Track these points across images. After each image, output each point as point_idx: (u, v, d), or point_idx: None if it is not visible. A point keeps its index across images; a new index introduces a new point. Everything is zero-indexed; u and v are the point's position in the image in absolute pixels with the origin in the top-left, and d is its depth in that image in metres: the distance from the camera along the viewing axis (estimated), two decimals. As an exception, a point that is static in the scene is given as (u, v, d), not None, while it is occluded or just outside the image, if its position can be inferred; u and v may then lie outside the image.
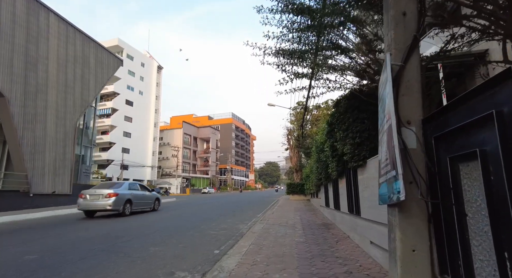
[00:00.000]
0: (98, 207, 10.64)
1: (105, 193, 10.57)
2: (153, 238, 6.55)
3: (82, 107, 18.60)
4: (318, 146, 8.35)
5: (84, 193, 11.00)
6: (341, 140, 4.81)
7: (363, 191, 4.37)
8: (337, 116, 4.81)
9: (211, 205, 18.45)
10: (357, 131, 4.20)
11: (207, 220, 9.81)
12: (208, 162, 70.59)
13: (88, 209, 10.87)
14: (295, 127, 21.87)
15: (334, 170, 6.01)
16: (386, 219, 3.41)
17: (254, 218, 10.51)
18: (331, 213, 8.34)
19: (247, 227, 8.05)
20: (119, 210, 10.85)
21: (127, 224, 9.10)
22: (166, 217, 11.10)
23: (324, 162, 7.36)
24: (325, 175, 7.79)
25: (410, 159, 2.20)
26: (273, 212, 11.26)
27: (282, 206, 14.85)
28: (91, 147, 20.89)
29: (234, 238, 6.38)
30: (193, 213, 12.67)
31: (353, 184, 5.08)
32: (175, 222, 9.66)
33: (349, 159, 4.46)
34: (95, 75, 20.22)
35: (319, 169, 9.00)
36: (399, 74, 2.41)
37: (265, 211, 13.22)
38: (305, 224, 7.70)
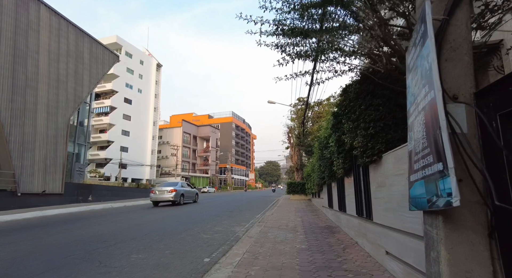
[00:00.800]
0: (164, 199, 14.71)
1: (168, 189, 14.63)
2: (140, 242, 5.91)
3: (76, 103, 17.96)
4: (321, 142, 7.70)
5: (154, 189, 15.38)
6: (350, 132, 4.16)
7: (377, 192, 3.72)
8: (346, 104, 4.15)
9: (209, 205, 17.83)
10: (370, 120, 3.54)
11: (201, 222, 9.18)
12: (208, 161, 69.94)
13: (157, 200, 15.05)
14: (296, 124, 21.20)
15: (340, 168, 5.35)
16: (407, 225, 2.77)
17: (252, 219, 9.87)
18: (335, 215, 7.69)
19: (243, 230, 7.41)
20: (177, 201, 14.89)
21: (116, 226, 8.47)
22: (159, 218, 10.47)
23: (328, 159, 6.70)
24: (329, 173, 7.14)
25: (462, 146, 1.54)
26: (273, 213, 10.61)
27: (282, 207, 14.21)
28: (85, 145, 20.27)
29: (229, 243, 5.74)
30: (188, 213, 12.04)
31: (363, 183, 4.43)
32: (167, 223, 9.03)
33: (360, 154, 3.80)
34: (90, 71, 19.59)
35: (321, 167, 8.35)
36: (440, 32, 1.76)
37: (264, 211, 12.58)
38: (307, 227, 7.05)
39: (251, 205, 16.75)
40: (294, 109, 20.28)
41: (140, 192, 25.53)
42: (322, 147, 7.48)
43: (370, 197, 4.11)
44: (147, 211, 13.54)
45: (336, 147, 5.34)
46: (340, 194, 6.63)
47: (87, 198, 17.70)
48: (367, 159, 3.66)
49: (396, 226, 3.04)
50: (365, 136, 3.59)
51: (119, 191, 22.30)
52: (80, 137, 19.95)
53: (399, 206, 2.92)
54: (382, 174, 3.47)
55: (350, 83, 4.06)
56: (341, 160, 5.24)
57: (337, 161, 5.51)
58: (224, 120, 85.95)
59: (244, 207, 15.53)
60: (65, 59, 17.18)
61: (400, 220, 2.91)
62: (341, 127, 4.97)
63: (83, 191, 17.61)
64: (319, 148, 8.05)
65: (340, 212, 6.73)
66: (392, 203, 3.12)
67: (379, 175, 3.57)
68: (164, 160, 61.44)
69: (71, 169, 18.43)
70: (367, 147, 3.59)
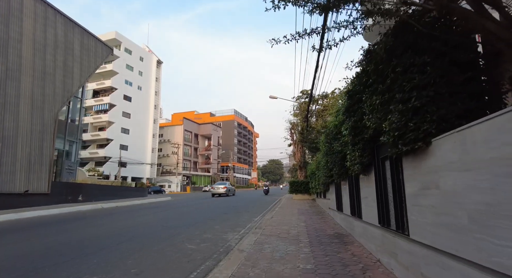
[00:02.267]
0: (219, 192, 23.29)
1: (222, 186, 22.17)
2: (106, 255, 4.76)
3: (64, 97, 16.89)
4: (329, 133, 6.48)
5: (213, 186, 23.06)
6: (374, 112, 2.96)
7: (419, 196, 2.52)
8: (371, 71, 2.94)
9: (206, 205, 16.70)
10: (411, 88, 2.34)
11: (191, 226, 8.03)
12: (209, 160, 68.88)
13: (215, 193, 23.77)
14: (299, 120, 19.93)
15: (356, 163, 4.15)
16: (494, 259, 1.56)
17: (249, 223, 8.70)
18: (346, 220, 6.49)
19: (237, 238, 6.25)
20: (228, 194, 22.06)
21: (91, 232, 7.34)
22: (146, 221, 9.35)
23: (339, 153, 5.49)
24: (339, 170, 5.94)
25: None
26: (272, 216, 9.43)
27: (284, 208, 13.02)
28: (77, 142, 19.21)
29: (215, 257, 4.59)
30: (179, 216, 10.91)
31: (391, 183, 3.24)
32: (152, 228, 7.89)
33: (393, 140, 2.60)
34: (81, 63, 18.50)
35: (329, 164, 7.15)
36: None
37: (264, 213, 11.41)
38: (313, 236, 5.85)
39: (250, 206, 15.59)
40: (297, 103, 19.02)
41: (136, 192, 24.45)
42: (330, 139, 6.27)
43: (403, 202, 2.91)
44: (139, 212, 12.44)
45: (351, 136, 4.14)
46: (354, 196, 5.42)
47: (77, 198, 16.65)
48: (405, 148, 2.45)
49: (465, 255, 1.85)
50: (403, 113, 2.39)
51: (113, 190, 21.22)
52: (71, 133, 18.89)
53: (475, 224, 1.72)
54: (431, 169, 2.27)
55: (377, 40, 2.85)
56: (357, 153, 4.04)
57: (352, 154, 4.31)
58: (226, 118, 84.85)
59: (243, 208, 14.37)
60: (52, 50, 16.09)
61: (477, 247, 1.71)
62: (359, 108, 3.76)
63: (72, 191, 16.55)
64: (326, 141, 6.83)
65: (353, 217, 5.53)
66: (457, 216, 1.92)
67: (425, 171, 2.37)
68: (165, 158, 60.48)
69: (60, 168, 17.38)
70: (406, 128, 2.39)
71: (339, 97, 13.48)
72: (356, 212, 5.37)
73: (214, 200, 21.58)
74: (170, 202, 20.33)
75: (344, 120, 4.54)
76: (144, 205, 17.12)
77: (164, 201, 20.83)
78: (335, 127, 5.54)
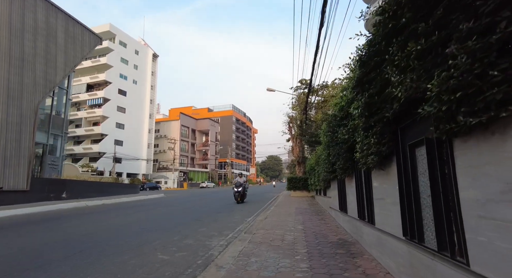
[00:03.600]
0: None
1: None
2: (54, 270, 3.72)
3: (46, 88, 15.74)
4: (331, 120, 5.42)
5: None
6: (410, 70, 1.90)
7: (501, 203, 1.47)
8: (406, 1, 1.87)
9: (198, 203, 15.70)
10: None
11: (172, 229, 7.01)
12: (207, 156, 67.83)
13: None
14: (297, 112, 18.84)
15: (371, 153, 3.11)
16: None
17: (240, 224, 7.68)
18: (351, 224, 5.46)
19: (222, 245, 5.23)
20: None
21: (52, 236, 6.28)
22: (125, 222, 8.32)
23: (344, 142, 4.44)
24: (344, 164, 4.90)
25: None
26: (267, 217, 8.40)
27: (280, 206, 12.01)
28: (62, 136, 18.10)
29: (188, 274, 3.57)
30: (164, 216, 9.88)
31: (430, 179, 2.19)
32: (127, 230, 6.86)
33: (449, 108, 1.55)
34: (65, 52, 17.31)
35: (331, 157, 6.10)
36: None
37: (257, 213, 10.39)
38: (312, 244, 4.83)
39: (245, 204, 14.58)
40: (296, 94, 17.95)
41: (128, 188, 23.39)
42: (334, 127, 5.20)
43: (457, 212, 1.87)
44: (122, 211, 11.42)
45: (364, 117, 3.08)
46: (363, 196, 4.38)
47: (60, 195, 15.60)
48: (475, 119, 1.40)
49: None
50: (478, 51, 1.33)
51: (102, 187, 20.17)
52: (56, 127, 17.78)
53: None
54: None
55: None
56: (373, 140, 2.99)
57: (364, 142, 3.26)
58: (224, 113, 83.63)
59: (237, 206, 13.36)
60: (31, 36, 14.91)
61: None
62: (378, 76, 2.70)
63: (55, 188, 15.49)
64: (328, 129, 5.76)
65: (362, 222, 4.50)
66: None
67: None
68: (162, 154, 59.39)
69: (42, 163, 16.31)
70: (484, 83, 1.33)
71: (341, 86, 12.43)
72: (365, 216, 4.34)
73: (208, 197, 20.57)
74: (161, 199, 19.32)
75: (354, 98, 3.48)
76: (132, 203, 16.11)
77: (156, 199, 19.81)
78: (340, 110, 4.48)
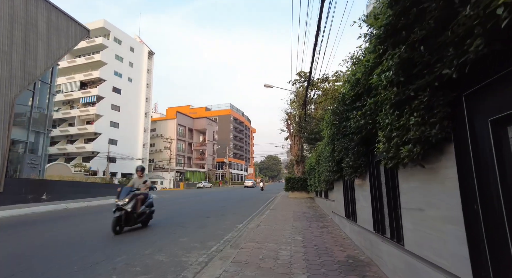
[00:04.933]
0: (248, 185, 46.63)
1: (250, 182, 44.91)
2: None
3: (25, 81, 14.58)
4: (338, 106, 4.29)
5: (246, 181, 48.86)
6: None
7: None
8: None
9: (189, 204, 14.55)
10: None
11: (148, 238, 5.88)
12: (204, 155, 66.61)
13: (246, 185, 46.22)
14: (295, 108, 17.69)
15: (410, 141, 1.99)
16: None
17: (228, 233, 6.56)
18: (362, 237, 4.34)
19: (200, 263, 4.12)
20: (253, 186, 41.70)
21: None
22: (90, 230, 7.16)
23: (358, 131, 3.32)
24: (355, 161, 3.79)
25: None
26: (260, 224, 7.27)
27: (277, 210, 10.89)
28: (45, 133, 16.92)
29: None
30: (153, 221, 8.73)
31: None
32: (90, 240, 5.72)
33: None
34: (47, 43, 16.16)
35: (336, 153, 4.99)
36: None
37: (252, 217, 9.28)
38: (314, 264, 3.71)
39: (239, 206, 13.46)
40: (294, 88, 16.83)
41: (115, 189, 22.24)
42: (341, 113, 4.08)
43: None
44: (106, 214, 10.28)
45: (397, 85, 1.97)
46: (382, 203, 3.27)
47: (40, 197, 14.44)
48: None
49: None
50: None
51: (89, 187, 19.02)
52: (38, 123, 16.62)
53: None
54: None
55: None
56: (414, 119, 1.87)
57: (395, 123, 2.15)
58: (222, 112, 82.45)
59: (230, 208, 12.23)
60: (7, 24, 13.75)
61: None
62: (425, 9, 1.58)
63: (34, 189, 14.33)
64: (334, 118, 4.63)
65: (381, 238, 3.38)
66: None
67: None
68: (158, 154, 58.14)
69: (20, 162, 15.14)
70: None
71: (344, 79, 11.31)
72: (385, 230, 3.23)
73: (201, 198, 19.43)
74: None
75: (378, 62, 2.35)
76: (119, 204, 14.94)
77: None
78: (353, 86, 3.33)
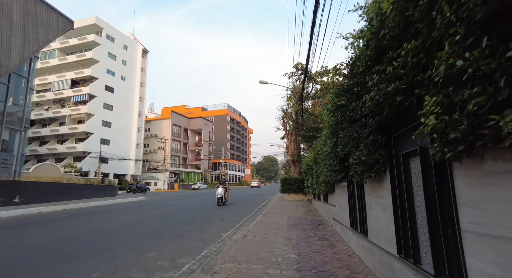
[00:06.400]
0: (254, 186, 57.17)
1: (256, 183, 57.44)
2: None
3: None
4: (348, 73, 3.14)
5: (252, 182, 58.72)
6: None
7: None
8: None
9: (176, 207, 13.34)
10: None
11: (108, 252, 4.69)
12: (200, 156, 65.32)
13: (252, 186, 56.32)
14: (292, 104, 16.55)
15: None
16: None
17: (208, 245, 5.39)
18: (376, 257, 3.19)
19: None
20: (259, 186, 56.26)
21: None
22: (46, 241, 5.95)
23: (376, 110, 2.17)
24: (369, 155, 2.65)
25: None
26: (246, 235, 6.10)
27: (270, 214, 9.73)
28: (21, 130, 15.66)
29: None
30: (116, 228, 7.52)
31: None
32: (39, 257, 4.53)
33: None
34: (24, 33, 14.93)
35: (339, 148, 3.85)
36: None
37: (241, 223, 8.11)
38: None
39: (229, 210, 12.28)
40: (291, 82, 15.73)
41: (104, 190, 20.97)
42: (351, 89, 2.93)
43: None
44: (77, 219, 9.04)
45: None
46: (418, 217, 2.11)
47: (12, 200, 13.19)
48: None
49: None
50: None
51: (71, 189, 17.72)
52: (13, 120, 15.36)
53: None
54: None
55: None
56: None
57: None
58: (218, 112, 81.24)
59: (218, 213, 11.04)
60: (-25, 10, 12.53)
61: None
62: None
63: (5, 191, 13.08)
64: (337, 100, 3.48)
65: (413, 268, 2.23)
66: None
67: None
68: (152, 154, 56.79)
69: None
70: None
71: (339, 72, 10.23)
72: (421, 260, 2.08)
73: (192, 200, 18.21)
74: (138, 203, 16.94)
75: None
76: (100, 208, 13.72)
77: (131, 202, 17.43)
78: (375, 35, 2.18)
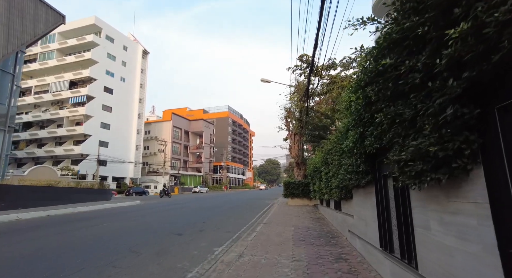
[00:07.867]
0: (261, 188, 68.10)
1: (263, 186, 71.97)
2: None
3: (-23, 67, 12.36)
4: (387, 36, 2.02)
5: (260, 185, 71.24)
6: None
7: None
8: None
9: (169, 213, 12.18)
10: None
11: (70, 275, 3.57)
12: (200, 158, 64.21)
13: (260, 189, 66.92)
14: (296, 100, 15.35)
15: None
16: None
17: (194, 267, 4.24)
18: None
19: None
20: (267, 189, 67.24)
21: None
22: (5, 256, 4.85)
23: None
24: (441, 143, 1.49)
25: None
26: (243, 252, 4.94)
27: (272, 224, 8.55)
28: (5, 130, 14.64)
29: None
30: (92, 241, 6.39)
31: None
32: None
33: None
34: (8, 26, 13.96)
35: (369, 140, 2.72)
36: None
37: (237, 235, 6.94)
38: None
39: (227, 216, 11.11)
40: (294, 77, 14.66)
41: (95, 194, 19.88)
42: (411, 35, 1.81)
43: None
44: (56, 228, 7.92)
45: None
46: None
47: (-8, 205, 12.15)
48: None
49: None
50: None
51: (62, 193, 16.69)
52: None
53: None
54: None
55: None
56: None
57: None
58: (220, 115, 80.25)
59: (214, 220, 9.87)
60: (-48, -1, 11.56)
61: None
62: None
63: (-15, 195, 12.09)
64: (382, 59, 2.36)
65: None
66: None
67: None
68: (152, 157, 55.75)
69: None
70: None
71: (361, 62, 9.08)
72: None
73: (189, 206, 17.04)
74: (131, 208, 15.80)
75: None
76: (87, 214, 12.60)
77: (125, 207, 16.30)
78: None
